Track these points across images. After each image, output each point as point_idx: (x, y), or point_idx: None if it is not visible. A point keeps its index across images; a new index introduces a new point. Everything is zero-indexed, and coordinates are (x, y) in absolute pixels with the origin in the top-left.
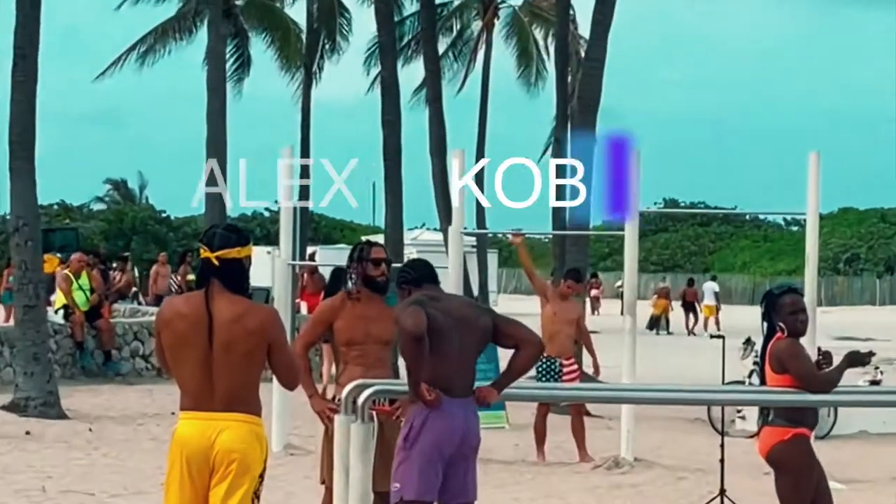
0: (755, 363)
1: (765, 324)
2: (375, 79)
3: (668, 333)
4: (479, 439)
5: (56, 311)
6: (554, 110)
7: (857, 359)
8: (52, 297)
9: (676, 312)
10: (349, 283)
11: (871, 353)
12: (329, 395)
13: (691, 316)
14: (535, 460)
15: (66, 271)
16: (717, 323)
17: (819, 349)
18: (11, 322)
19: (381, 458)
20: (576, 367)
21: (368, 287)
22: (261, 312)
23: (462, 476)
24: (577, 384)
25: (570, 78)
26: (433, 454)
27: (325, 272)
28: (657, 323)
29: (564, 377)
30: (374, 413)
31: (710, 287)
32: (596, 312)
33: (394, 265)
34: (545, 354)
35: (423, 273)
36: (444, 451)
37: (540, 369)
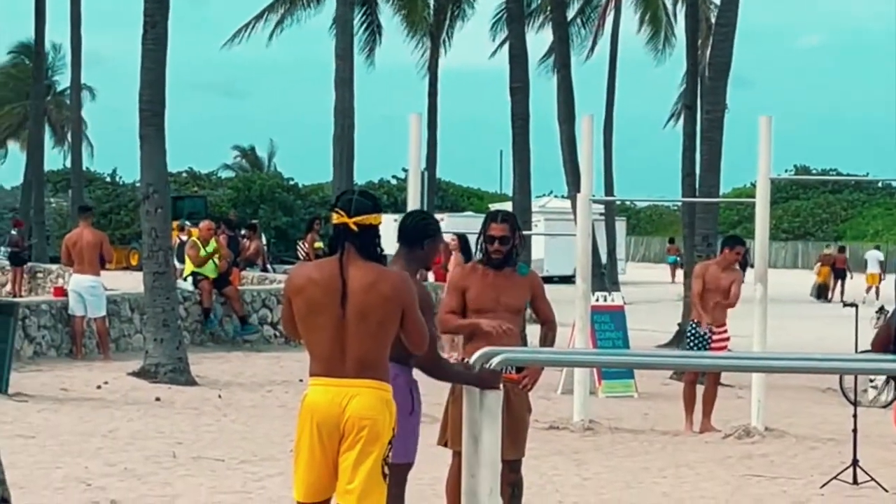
0: None
1: None
2: (501, 44)
3: (828, 301)
4: None
5: (185, 279)
6: (681, 77)
7: None
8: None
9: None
10: (477, 252)
11: None
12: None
13: (839, 283)
14: (664, 429)
15: (195, 238)
16: (877, 292)
17: None
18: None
19: (508, 426)
20: (727, 335)
21: (487, 259)
22: (393, 278)
23: None
24: (708, 353)
25: (699, 44)
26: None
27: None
28: (822, 291)
29: (713, 345)
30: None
31: (874, 255)
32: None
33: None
34: (695, 321)
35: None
36: None
37: (689, 335)
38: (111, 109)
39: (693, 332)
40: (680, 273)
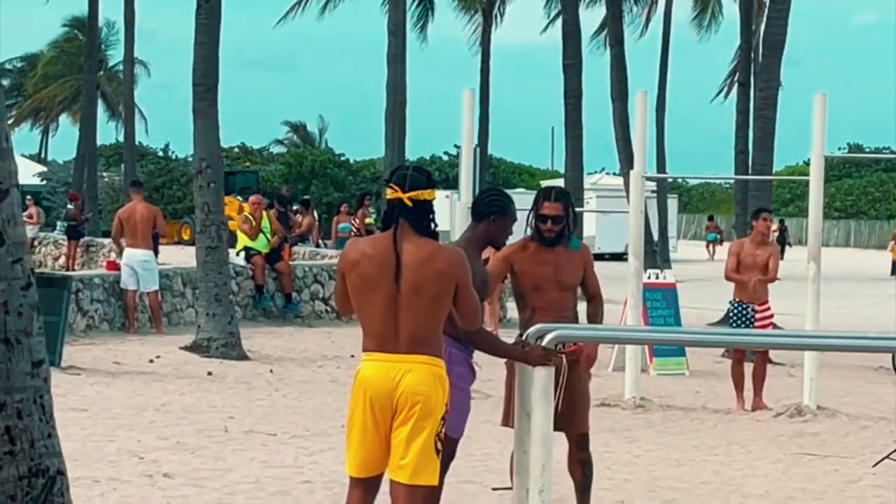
0: None
1: None
2: (553, 20)
3: None
4: None
5: (237, 254)
6: (730, 53)
7: None
8: None
9: None
10: (528, 228)
11: None
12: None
13: None
14: (716, 407)
15: (247, 213)
16: None
17: None
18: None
19: (571, 400)
20: (770, 312)
21: (539, 238)
22: (448, 253)
23: None
24: (761, 330)
25: (753, 21)
26: None
27: None
28: None
29: (757, 324)
30: (563, 356)
31: None
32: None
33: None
34: (737, 300)
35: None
36: None
37: (731, 314)
38: (165, 84)
39: (735, 310)
40: (720, 250)
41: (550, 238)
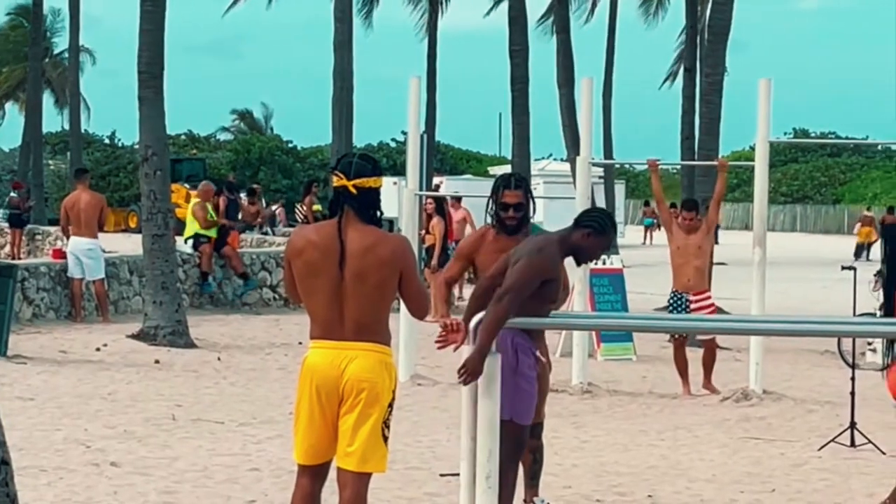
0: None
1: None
2: (497, 3)
3: (868, 261)
4: None
5: (186, 241)
6: (676, 39)
7: None
8: None
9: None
10: (489, 217)
11: None
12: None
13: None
14: (663, 392)
15: (202, 202)
16: None
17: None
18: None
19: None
20: (708, 301)
21: (500, 226)
22: (392, 241)
23: None
24: (708, 315)
25: (699, 7)
26: None
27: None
28: (862, 251)
29: (692, 312)
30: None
31: None
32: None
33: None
34: (672, 289)
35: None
36: None
37: (669, 304)
38: (111, 72)
39: (671, 299)
40: (656, 235)
41: (513, 226)
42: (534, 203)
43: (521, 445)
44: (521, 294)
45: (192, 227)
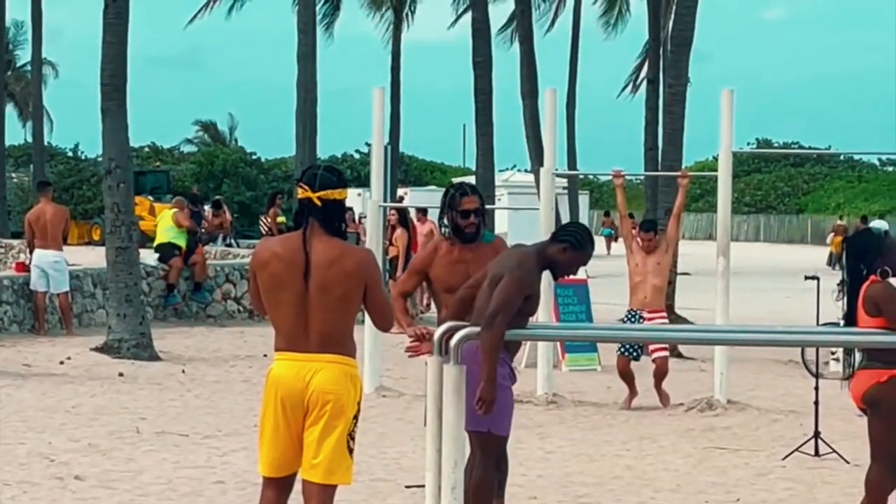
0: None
1: (860, 266)
2: (460, 15)
3: (841, 270)
4: None
5: (156, 250)
6: (638, 49)
7: None
8: None
9: None
10: (443, 229)
11: None
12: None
13: None
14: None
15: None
16: None
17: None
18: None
19: None
20: (662, 320)
21: (457, 236)
22: (357, 254)
23: None
24: (667, 325)
25: (661, 17)
26: None
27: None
28: (837, 260)
29: None
30: None
31: (880, 226)
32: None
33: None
34: (629, 307)
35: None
36: None
37: (624, 322)
38: (74, 84)
39: (626, 317)
40: (615, 246)
41: (472, 233)
42: (485, 208)
43: (500, 457)
44: (510, 312)
45: (167, 235)
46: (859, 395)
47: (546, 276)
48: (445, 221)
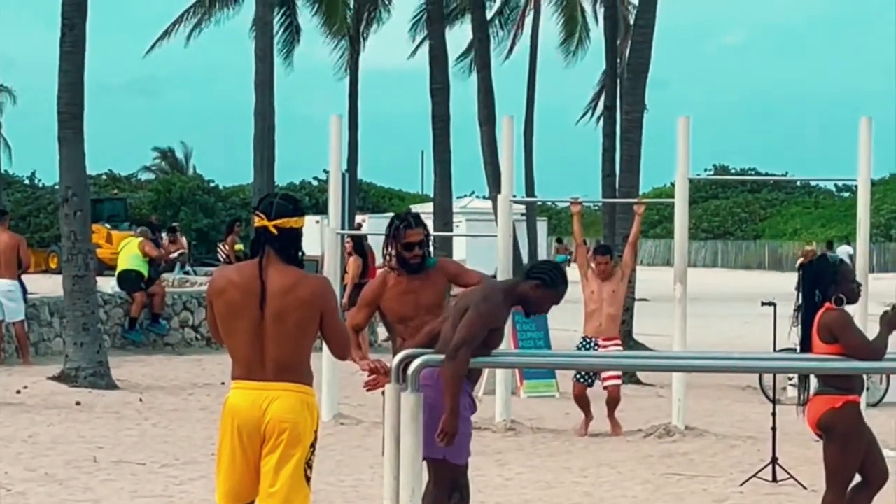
0: None
1: (815, 293)
2: (420, 44)
3: None
4: None
5: (119, 277)
6: (597, 76)
7: (892, 320)
8: None
9: None
10: (386, 258)
11: None
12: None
13: None
14: (581, 430)
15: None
16: None
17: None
18: None
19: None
20: (616, 347)
21: (402, 268)
22: (313, 282)
23: None
24: (633, 353)
25: (618, 45)
26: None
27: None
28: None
29: None
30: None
31: (844, 251)
32: None
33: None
34: (583, 334)
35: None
36: None
37: (578, 349)
38: (31, 112)
39: (580, 344)
40: (569, 272)
41: (417, 264)
42: (429, 237)
43: (455, 486)
44: (474, 345)
45: (132, 262)
46: (814, 420)
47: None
48: (390, 252)
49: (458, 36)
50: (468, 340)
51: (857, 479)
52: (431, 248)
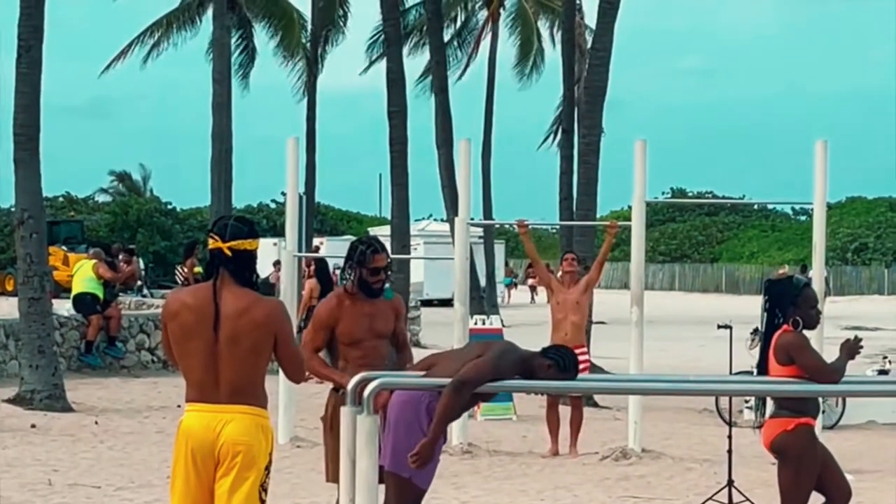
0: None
1: (776, 313)
2: (373, 62)
3: None
4: None
5: (74, 299)
6: (557, 99)
7: (852, 348)
8: None
9: None
10: (344, 281)
11: (858, 339)
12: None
13: None
14: (543, 452)
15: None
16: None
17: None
18: None
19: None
20: (584, 358)
21: (363, 291)
22: (267, 305)
23: None
24: (590, 375)
25: (575, 69)
26: None
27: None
28: None
29: None
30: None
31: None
32: (534, 301)
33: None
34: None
35: None
36: None
37: None
38: None
39: None
40: (515, 294)
41: (378, 289)
42: (391, 263)
43: None
44: (476, 387)
45: (87, 285)
46: (768, 443)
47: (459, 327)
48: (350, 275)
49: (417, 60)
50: (475, 380)
51: (822, 500)
52: (389, 273)
